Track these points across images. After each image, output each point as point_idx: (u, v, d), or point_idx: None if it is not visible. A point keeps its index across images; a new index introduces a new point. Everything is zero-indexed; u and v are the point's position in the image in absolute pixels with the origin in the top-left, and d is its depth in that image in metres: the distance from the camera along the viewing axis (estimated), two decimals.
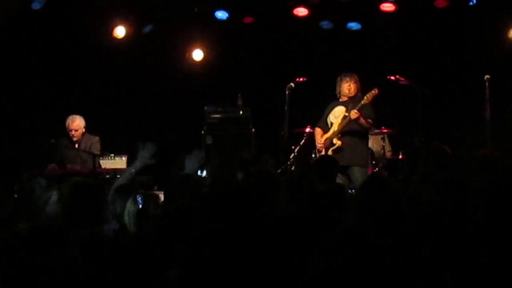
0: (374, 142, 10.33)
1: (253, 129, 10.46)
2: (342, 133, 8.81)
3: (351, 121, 8.67)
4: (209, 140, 10.52)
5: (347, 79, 8.92)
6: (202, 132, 10.54)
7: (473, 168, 5.44)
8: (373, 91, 8.67)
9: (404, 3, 9.75)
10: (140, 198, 4.59)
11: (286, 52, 10.94)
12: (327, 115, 9.01)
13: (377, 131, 10.37)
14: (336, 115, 8.90)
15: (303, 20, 10.25)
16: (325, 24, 10.47)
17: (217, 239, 3.43)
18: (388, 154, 10.23)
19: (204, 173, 8.93)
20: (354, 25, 10.41)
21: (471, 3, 9.62)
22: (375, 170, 9.68)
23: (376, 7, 9.76)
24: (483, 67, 9.20)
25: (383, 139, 10.07)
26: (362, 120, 8.66)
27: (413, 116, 9.38)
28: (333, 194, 4.80)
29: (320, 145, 8.98)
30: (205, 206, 4.13)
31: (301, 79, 9.05)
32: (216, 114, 10.63)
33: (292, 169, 9.27)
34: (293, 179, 5.72)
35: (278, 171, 8.93)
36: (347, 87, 8.90)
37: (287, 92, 8.81)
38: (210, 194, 5.58)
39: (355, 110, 8.59)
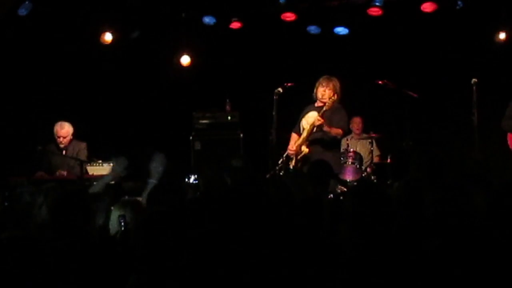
0: (362, 146, 10.35)
1: (242, 134, 10.45)
2: (311, 140, 8.76)
3: (315, 127, 8.62)
4: (197, 146, 10.51)
5: (324, 83, 8.84)
6: (190, 137, 10.52)
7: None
8: (333, 97, 8.64)
9: (391, 8, 9.77)
10: (122, 220, 4.57)
11: (274, 57, 10.94)
12: (301, 119, 8.97)
13: (365, 135, 10.40)
14: (309, 121, 8.82)
15: (291, 25, 10.25)
16: (313, 29, 10.47)
17: (209, 244, 3.43)
18: (376, 159, 10.25)
19: (192, 179, 8.92)
20: (341, 30, 10.41)
21: (458, 7, 9.64)
22: (363, 175, 9.69)
23: (364, 12, 9.77)
24: (470, 71, 9.23)
25: (371, 143, 10.08)
26: (326, 128, 8.58)
27: (401, 120, 9.39)
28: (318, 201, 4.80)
29: (291, 152, 8.91)
30: (197, 210, 4.13)
31: (289, 84, 9.03)
32: (204, 119, 10.62)
33: (281, 174, 9.25)
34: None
35: (267, 176, 8.91)
36: (322, 92, 8.81)
37: (275, 97, 8.79)
38: (203, 199, 5.59)
39: (318, 117, 8.53)
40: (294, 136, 8.98)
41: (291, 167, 8.84)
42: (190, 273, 3.28)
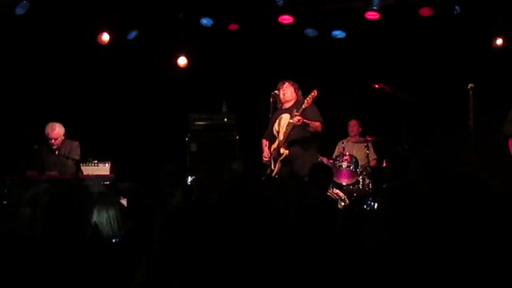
0: (358, 150, 10.35)
1: (238, 136, 10.44)
2: (289, 142, 8.74)
3: (295, 127, 8.59)
4: (193, 147, 10.49)
5: (279, 86, 8.90)
6: (186, 139, 10.51)
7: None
8: (312, 93, 8.60)
9: (389, 12, 9.78)
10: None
11: (271, 60, 10.95)
12: (272, 125, 8.95)
13: (361, 138, 10.40)
14: (282, 124, 8.84)
15: (288, 27, 10.25)
16: (310, 32, 10.47)
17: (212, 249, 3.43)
18: (373, 162, 10.25)
19: (189, 179, 8.91)
20: (338, 33, 10.42)
21: (455, 12, 9.65)
22: (359, 179, 9.70)
23: (361, 16, 9.77)
24: (467, 76, 9.24)
25: (367, 147, 10.08)
26: (306, 121, 8.58)
27: (397, 124, 9.39)
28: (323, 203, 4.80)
29: (266, 158, 8.89)
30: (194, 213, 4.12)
31: None
32: (201, 121, 10.61)
33: (276, 176, 9.23)
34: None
35: (262, 178, 8.89)
36: (282, 94, 8.88)
37: (271, 99, 8.79)
38: (197, 202, 5.58)
39: (297, 116, 8.52)
40: (265, 142, 8.99)
41: (272, 168, 8.85)
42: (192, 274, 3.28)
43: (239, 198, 3.59)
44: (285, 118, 8.78)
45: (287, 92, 8.87)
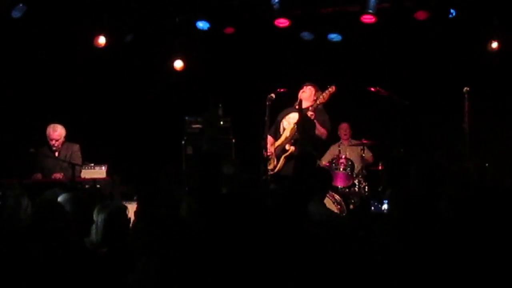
0: (353, 152, 10.37)
1: (234, 139, 10.44)
2: (295, 139, 8.78)
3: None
4: (189, 150, 10.48)
5: (303, 87, 9.00)
6: (182, 142, 10.50)
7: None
8: (329, 89, 8.67)
9: (385, 15, 9.79)
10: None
11: (267, 63, 10.96)
12: (280, 121, 9.01)
13: (357, 141, 10.42)
14: (290, 121, 8.89)
15: (284, 31, 10.26)
16: (306, 35, 10.49)
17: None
18: (370, 158, 10.29)
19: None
20: (334, 37, 10.43)
21: (450, 16, 9.67)
22: (355, 181, 9.71)
23: (357, 19, 9.78)
24: (462, 79, 9.26)
25: (362, 149, 10.10)
26: (315, 115, 8.62)
27: (393, 127, 9.41)
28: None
29: (269, 153, 8.92)
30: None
31: (282, 89, 9.05)
32: (197, 124, 10.60)
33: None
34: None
35: (263, 176, 8.90)
36: (301, 93, 8.97)
37: (267, 102, 8.80)
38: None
39: (310, 112, 8.56)
40: (270, 139, 9.02)
41: (271, 168, 8.86)
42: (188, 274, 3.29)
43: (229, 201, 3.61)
44: (295, 117, 8.84)
45: (306, 92, 8.95)
